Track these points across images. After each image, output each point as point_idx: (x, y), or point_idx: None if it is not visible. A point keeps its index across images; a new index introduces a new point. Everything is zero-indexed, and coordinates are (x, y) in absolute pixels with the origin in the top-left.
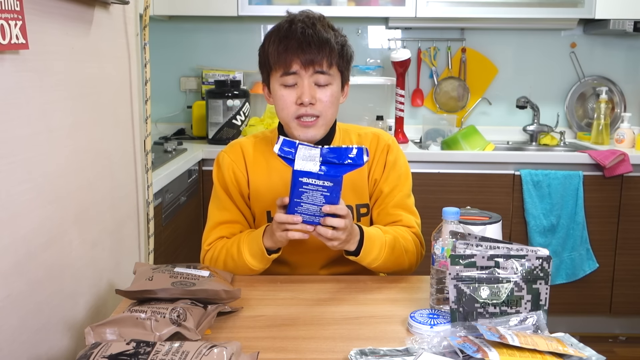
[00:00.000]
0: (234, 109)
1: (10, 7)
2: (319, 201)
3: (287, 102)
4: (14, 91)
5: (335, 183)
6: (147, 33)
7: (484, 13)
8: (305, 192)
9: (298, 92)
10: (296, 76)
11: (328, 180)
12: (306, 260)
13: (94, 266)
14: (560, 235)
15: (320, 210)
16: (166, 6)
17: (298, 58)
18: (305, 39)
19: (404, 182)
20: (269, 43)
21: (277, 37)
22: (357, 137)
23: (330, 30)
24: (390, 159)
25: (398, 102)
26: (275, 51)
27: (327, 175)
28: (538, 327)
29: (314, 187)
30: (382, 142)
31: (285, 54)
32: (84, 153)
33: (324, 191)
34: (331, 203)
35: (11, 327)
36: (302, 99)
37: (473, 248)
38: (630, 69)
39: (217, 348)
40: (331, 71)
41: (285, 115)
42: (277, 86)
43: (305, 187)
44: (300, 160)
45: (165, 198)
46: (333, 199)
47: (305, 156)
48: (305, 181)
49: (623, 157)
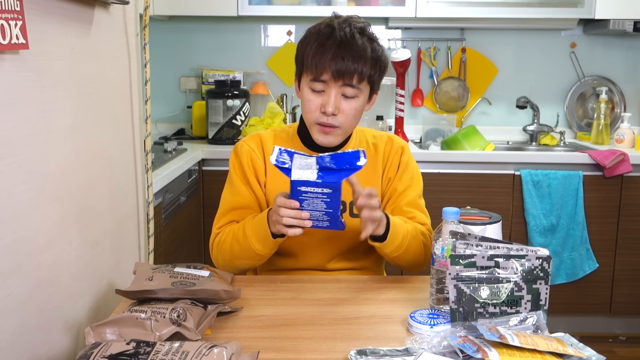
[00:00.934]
0: (234, 109)
1: (10, 7)
2: (320, 207)
3: (311, 107)
4: (14, 91)
5: (334, 189)
6: (147, 33)
7: (484, 13)
8: (305, 199)
9: (324, 100)
10: (325, 84)
11: (327, 187)
12: (314, 253)
13: (94, 266)
14: (560, 235)
15: (322, 215)
16: (166, 6)
17: (329, 69)
18: (340, 52)
19: (416, 183)
20: (307, 43)
21: (317, 41)
22: (372, 138)
23: (368, 44)
24: (404, 159)
25: (398, 102)
26: (310, 55)
27: (325, 183)
28: (538, 327)
29: (313, 195)
30: (397, 144)
31: (319, 62)
32: (84, 153)
33: (324, 197)
34: (332, 208)
35: (11, 327)
36: (325, 108)
37: (473, 248)
38: (630, 69)
39: (217, 348)
40: (361, 85)
41: (308, 117)
42: (306, 88)
43: (304, 195)
44: (297, 170)
45: (165, 198)
46: (334, 205)
47: (301, 165)
48: (304, 190)
49: (623, 157)
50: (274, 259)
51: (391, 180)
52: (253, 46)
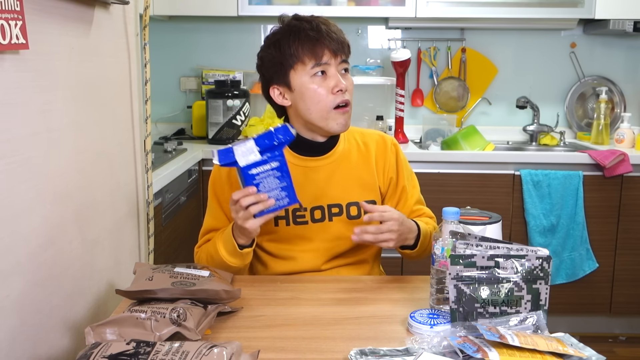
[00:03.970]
0: (234, 109)
1: (10, 7)
2: (275, 184)
3: (322, 94)
4: (14, 91)
5: (280, 162)
6: (147, 33)
7: (484, 13)
8: (260, 182)
9: (330, 82)
10: (326, 66)
11: (273, 161)
12: (309, 257)
13: (94, 266)
14: (560, 235)
15: (280, 192)
16: (166, 6)
17: (327, 48)
18: (327, 32)
19: (414, 178)
20: (283, 43)
21: (295, 34)
22: (361, 136)
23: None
24: (401, 156)
25: (398, 102)
26: (300, 46)
27: (270, 158)
28: (538, 327)
29: (264, 174)
30: (389, 142)
31: (315, 45)
32: (84, 153)
33: (274, 173)
34: (284, 182)
35: (11, 327)
36: (339, 86)
37: (473, 248)
38: (630, 69)
39: (217, 348)
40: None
41: (322, 107)
42: (308, 79)
43: (257, 177)
44: (242, 157)
45: (165, 198)
46: (285, 178)
47: (243, 152)
48: (255, 172)
49: (623, 157)
50: (271, 264)
51: (395, 180)
52: (253, 46)
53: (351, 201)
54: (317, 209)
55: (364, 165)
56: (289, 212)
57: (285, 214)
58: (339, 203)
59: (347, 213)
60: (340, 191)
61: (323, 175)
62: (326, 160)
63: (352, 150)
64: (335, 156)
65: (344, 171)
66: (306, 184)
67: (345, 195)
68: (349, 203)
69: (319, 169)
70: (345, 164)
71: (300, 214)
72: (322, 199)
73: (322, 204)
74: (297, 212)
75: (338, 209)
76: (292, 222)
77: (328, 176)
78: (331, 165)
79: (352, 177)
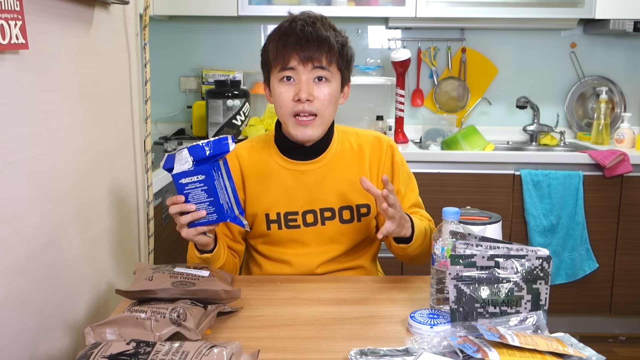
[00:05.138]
0: (234, 109)
1: (10, 7)
2: (202, 197)
3: (284, 99)
4: (14, 91)
5: (206, 175)
6: (147, 33)
7: (484, 13)
8: (189, 192)
9: (296, 88)
10: (294, 72)
11: (200, 173)
12: (303, 260)
13: (94, 266)
14: (560, 235)
15: (208, 206)
16: (166, 6)
17: (296, 54)
18: (304, 36)
19: (412, 181)
20: (269, 41)
21: (277, 35)
22: (356, 137)
23: (330, 29)
24: (397, 159)
25: (398, 102)
26: (275, 48)
27: (197, 170)
28: (538, 327)
29: (193, 185)
30: (385, 144)
31: (284, 50)
32: (84, 153)
33: (202, 186)
34: (212, 197)
35: (11, 327)
36: (299, 95)
37: (473, 248)
38: (630, 69)
39: (217, 348)
40: (331, 68)
41: (283, 112)
42: (276, 83)
43: (187, 188)
44: (178, 165)
45: (165, 198)
46: (212, 192)
47: (180, 160)
48: (184, 182)
49: (623, 157)
50: (265, 266)
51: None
52: (253, 46)
53: (343, 205)
54: (309, 212)
55: (357, 168)
56: (280, 215)
57: (277, 217)
58: (332, 207)
59: (339, 217)
60: (333, 195)
61: (314, 179)
62: (317, 163)
63: (345, 153)
64: (326, 159)
65: (336, 174)
66: (297, 188)
67: (337, 199)
68: (341, 207)
69: (309, 172)
70: (338, 167)
71: (292, 218)
72: (314, 203)
73: (315, 208)
74: (289, 216)
75: (330, 212)
76: (285, 226)
77: (319, 180)
78: (322, 168)
79: (345, 180)
